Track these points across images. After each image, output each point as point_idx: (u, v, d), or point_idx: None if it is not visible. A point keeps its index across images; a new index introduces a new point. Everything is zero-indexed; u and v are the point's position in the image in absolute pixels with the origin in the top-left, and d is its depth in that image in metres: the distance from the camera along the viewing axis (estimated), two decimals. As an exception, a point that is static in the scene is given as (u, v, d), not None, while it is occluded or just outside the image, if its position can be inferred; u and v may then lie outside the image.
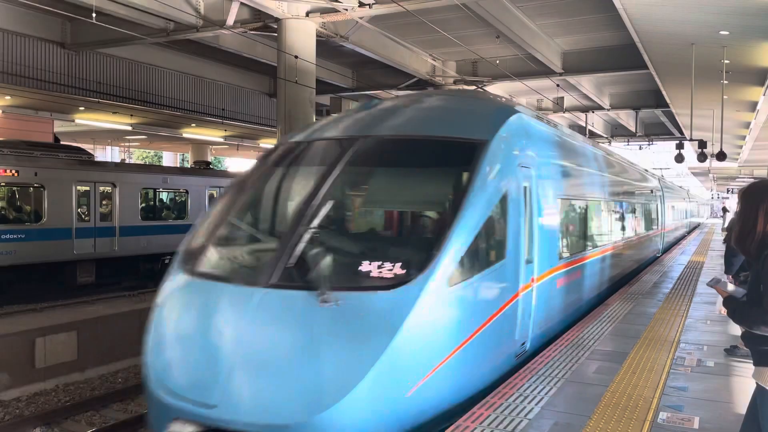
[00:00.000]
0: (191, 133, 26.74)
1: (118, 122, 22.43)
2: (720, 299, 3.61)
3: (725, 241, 11.67)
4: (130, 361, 13.03)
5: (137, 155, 53.27)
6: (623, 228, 12.57)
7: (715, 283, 3.61)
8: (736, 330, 7.94)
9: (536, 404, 5.44)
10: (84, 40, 18.23)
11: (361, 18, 14.59)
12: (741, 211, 3.43)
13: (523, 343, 6.55)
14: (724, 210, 44.34)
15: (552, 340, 7.52)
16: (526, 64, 18.05)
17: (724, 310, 3.56)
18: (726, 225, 28.94)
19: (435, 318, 4.88)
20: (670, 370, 6.52)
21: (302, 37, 14.53)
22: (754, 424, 3.37)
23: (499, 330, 5.82)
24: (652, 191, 17.36)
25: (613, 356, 7.12)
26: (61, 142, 22.23)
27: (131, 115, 21.41)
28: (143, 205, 18.97)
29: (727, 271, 8.71)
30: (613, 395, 5.69)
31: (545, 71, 18.23)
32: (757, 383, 3.35)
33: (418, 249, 5.35)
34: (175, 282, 5.46)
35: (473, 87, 18.79)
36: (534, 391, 5.79)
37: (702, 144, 18.02)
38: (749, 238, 3.33)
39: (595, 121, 28.40)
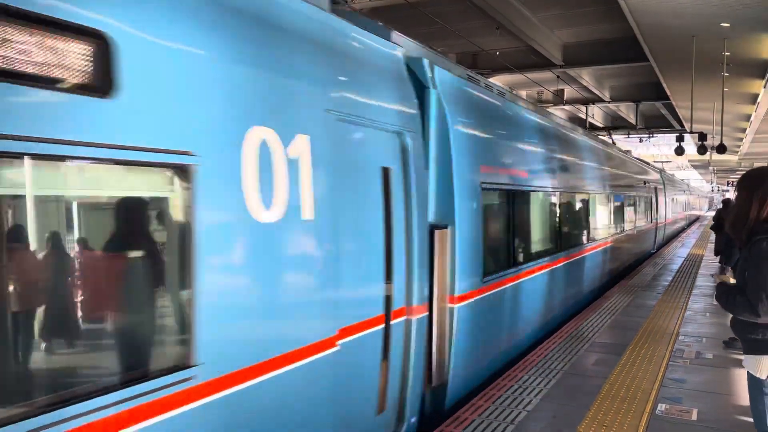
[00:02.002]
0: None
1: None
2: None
3: (712, 228, 11.78)
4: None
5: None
6: None
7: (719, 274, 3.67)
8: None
9: (535, 396, 5.47)
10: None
11: (361, 10, 14.55)
12: (737, 198, 3.46)
13: None
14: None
15: None
16: (527, 56, 17.98)
17: None
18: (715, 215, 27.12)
19: None
20: (669, 363, 6.55)
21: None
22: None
23: None
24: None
25: (612, 348, 7.14)
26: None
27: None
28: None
29: (727, 263, 8.74)
30: (611, 387, 5.72)
31: (546, 63, 18.17)
32: (747, 372, 3.38)
33: None
34: None
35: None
36: (533, 383, 5.82)
37: (702, 136, 18.00)
38: (741, 225, 3.36)
39: (596, 114, 28.34)
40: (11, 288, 2.22)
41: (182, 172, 2.71)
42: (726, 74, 14.14)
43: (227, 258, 2.95)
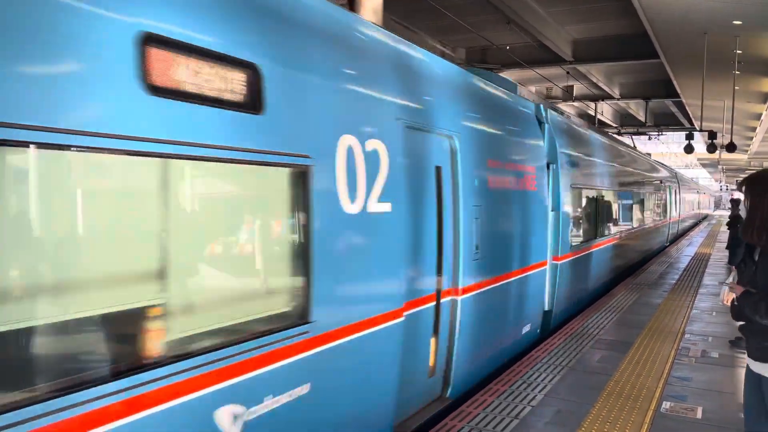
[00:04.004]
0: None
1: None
2: (725, 289, 3.59)
3: (728, 225, 11.74)
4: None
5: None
6: None
7: (729, 289, 3.54)
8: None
9: (539, 392, 5.47)
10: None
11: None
12: (752, 202, 3.38)
13: None
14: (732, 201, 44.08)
15: None
16: (537, 52, 17.91)
17: (728, 300, 3.54)
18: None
19: None
20: (675, 361, 6.54)
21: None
22: (761, 407, 3.37)
23: None
24: None
25: (617, 346, 7.13)
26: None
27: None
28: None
29: (730, 262, 8.71)
30: (616, 384, 5.71)
31: (555, 59, 18.11)
32: (764, 376, 3.33)
33: None
34: None
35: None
36: (537, 379, 5.82)
37: (712, 135, 17.89)
38: (756, 227, 3.29)
39: (605, 110, 28.21)
40: None
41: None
42: (737, 72, 14.04)
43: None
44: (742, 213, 3.60)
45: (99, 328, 2.69)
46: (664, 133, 29.56)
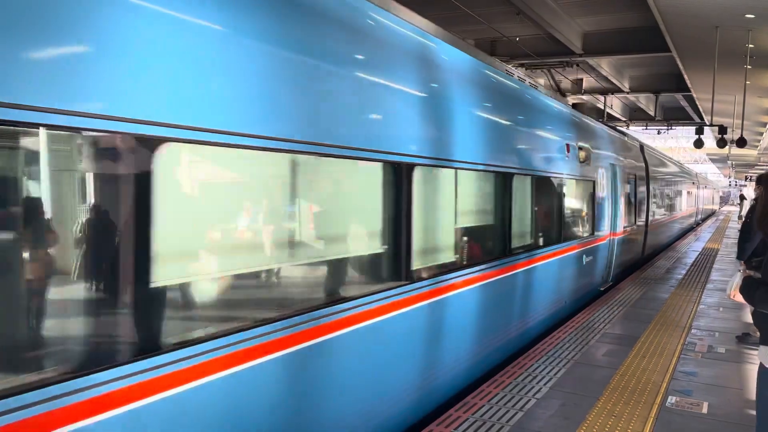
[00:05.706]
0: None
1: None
2: (731, 283, 3.58)
3: (739, 217, 11.68)
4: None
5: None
6: None
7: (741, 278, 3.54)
8: (749, 318, 7.91)
9: (544, 384, 5.47)
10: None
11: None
12: (764, 195, 3.38)
13: None
14: (742, 197, 43.87)
15: None
16: (546, 44, 17.80)
17: (735, 295, 3.53)
18: (741, 212, 25.51)
19: None
20: (681, 355, 6.52)
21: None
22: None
23: None
24: None
25: (623, 339, 7.13)
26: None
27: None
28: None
29: (739, 257, 8.67)
30: (622, 378, 5.71)
31: (565, 52, 17.98)
32: (761, 363, 3.33)
33: None
34: None
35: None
36: (542, 372, 5.82)
37: (722, 130, 17.75)
38: None
39: (614, 104, 28.03)
40: None
41: None
42: (749, 67, 13.91)
43: None
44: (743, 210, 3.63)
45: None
46: (673, 127, 29.37)
